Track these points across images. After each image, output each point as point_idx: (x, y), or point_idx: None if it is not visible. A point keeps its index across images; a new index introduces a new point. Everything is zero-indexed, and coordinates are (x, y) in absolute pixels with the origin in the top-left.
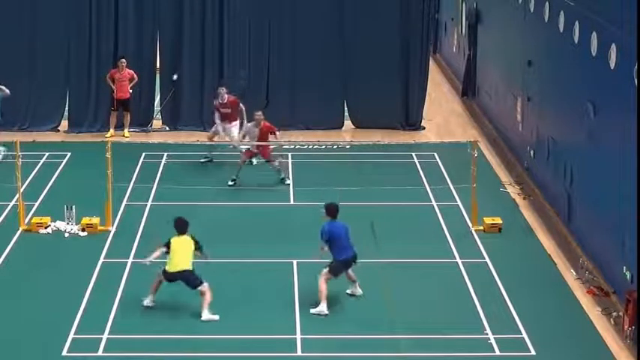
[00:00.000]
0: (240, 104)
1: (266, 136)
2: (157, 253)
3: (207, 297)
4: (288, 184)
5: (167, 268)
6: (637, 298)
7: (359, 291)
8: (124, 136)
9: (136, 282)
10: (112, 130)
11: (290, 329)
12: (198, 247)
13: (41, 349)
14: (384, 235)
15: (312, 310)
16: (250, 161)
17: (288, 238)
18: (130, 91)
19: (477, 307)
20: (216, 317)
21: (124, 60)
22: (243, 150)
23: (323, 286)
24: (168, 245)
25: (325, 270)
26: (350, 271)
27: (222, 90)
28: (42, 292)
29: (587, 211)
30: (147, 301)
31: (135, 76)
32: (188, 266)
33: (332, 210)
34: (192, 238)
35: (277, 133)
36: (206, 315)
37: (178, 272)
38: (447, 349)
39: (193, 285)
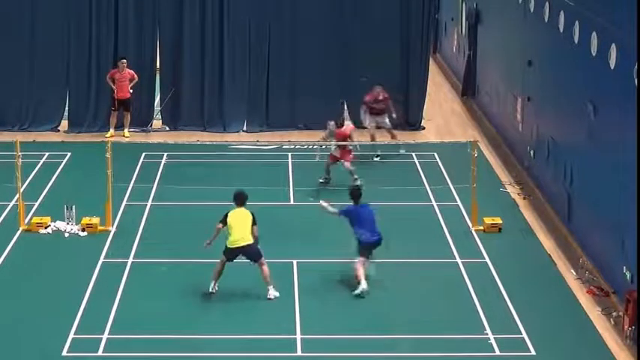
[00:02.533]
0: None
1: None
2: (216, 233)
3: (266, 270)
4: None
5: (227, 244)
6: (637, 298)
7: (359, 289)
8: (124, 136)
9: (136, 282)
10: (112, 130)
11: (290, 329)
12: (255, 222)
13: (41, 349)
14: (384, 235)
15: (354, 292)
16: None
17: (288, 238)
18: (131, 91)
19: (477, 307)
20: (277, 294)
21: (124, 60)
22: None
23: (357, 268)
24: (225, 220)
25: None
26: (369, 263)
27: (378, 88)
28: (42, 292)
29: (587, 211)
30: (210, 287)
31: (135, 76)
32: (249, 240)
33: (354, 194)
34: (252, 213)
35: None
36: (272, 292)
37: (239, 248)
38: (447, 349)
39: (255, 258)
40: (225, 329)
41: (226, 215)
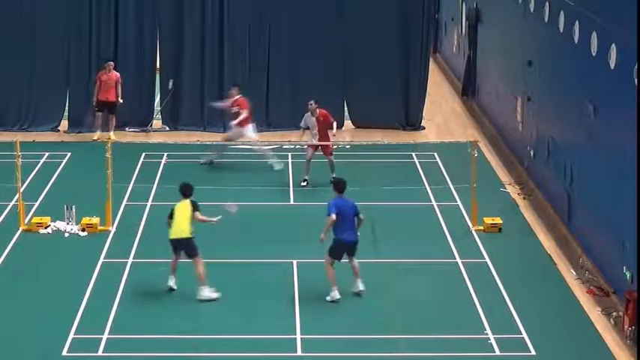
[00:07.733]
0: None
1: (325, 129)
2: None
3: (200, 270)
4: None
5: (169, 235)
6: (637, 298)
7: (359, 286)
8: (109, 139)
9: (136, 282)
10: (98, 132)
11: (290, 329)
12: (196, 209)
13: (41, 349)
14: (383, 234)
15: (327, 298)
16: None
17: (288, 238)
18: (121, 100)
19: (477, 307)
20: (215, 295)
21: (111, 62)
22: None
23: (329, 272)
24: (171, 214)
25: (326, 255)
26: (355, 261)
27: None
28: (42, 292)
29: (587, 211)
30: (170, 283)
31: (120, 79)
32: (185, 234)
33: (339, 185)
34: (192, 202)
35: (334, 125)
36: (204, 293)
37: (176, 240)
38: (447, 349)
39: (189, 254)
40: (225, 329)
41: (173, 209)
